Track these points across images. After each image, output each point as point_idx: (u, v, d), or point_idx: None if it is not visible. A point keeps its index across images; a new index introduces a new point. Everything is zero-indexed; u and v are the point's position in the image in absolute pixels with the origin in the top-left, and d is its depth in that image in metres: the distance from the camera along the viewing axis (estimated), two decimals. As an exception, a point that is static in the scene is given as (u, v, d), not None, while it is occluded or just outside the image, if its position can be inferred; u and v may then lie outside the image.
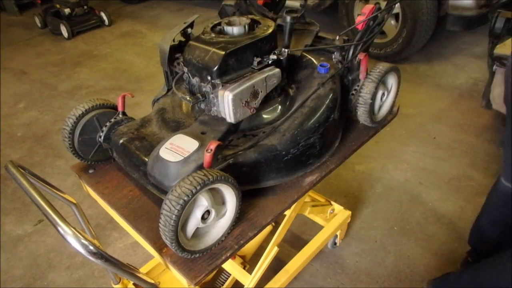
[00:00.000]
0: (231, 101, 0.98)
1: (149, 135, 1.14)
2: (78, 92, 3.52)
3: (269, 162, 1.07)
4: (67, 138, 1.14)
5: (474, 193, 2.15)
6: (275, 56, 1.09)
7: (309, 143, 1.11)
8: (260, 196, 1.10)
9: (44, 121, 3.13)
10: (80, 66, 3.97)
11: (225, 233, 0.99)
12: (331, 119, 1.15)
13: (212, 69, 1.00)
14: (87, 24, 4.73)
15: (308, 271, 1.84)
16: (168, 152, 0.97)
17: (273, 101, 1.15)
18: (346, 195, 2.23)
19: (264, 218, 1.05)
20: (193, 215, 0.92)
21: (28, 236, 2.14)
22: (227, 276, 1.64)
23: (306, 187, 1.12)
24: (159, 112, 1.22)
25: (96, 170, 1.24)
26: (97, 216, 2.19)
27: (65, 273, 1.93)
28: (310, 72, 1.21)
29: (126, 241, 2.05)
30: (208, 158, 0.93)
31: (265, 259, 1.41)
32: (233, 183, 0.93)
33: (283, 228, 1.34)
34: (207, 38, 1.06)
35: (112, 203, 1.12)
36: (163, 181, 0.97)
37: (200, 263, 0.95)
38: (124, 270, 0.93)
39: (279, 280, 1.57)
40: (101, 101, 1.18)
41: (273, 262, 1.45)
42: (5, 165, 1.00)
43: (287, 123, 1.11)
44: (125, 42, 4.45)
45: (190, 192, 0.83)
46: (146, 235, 1.02)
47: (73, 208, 1.12)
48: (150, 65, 3.87)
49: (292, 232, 2.03)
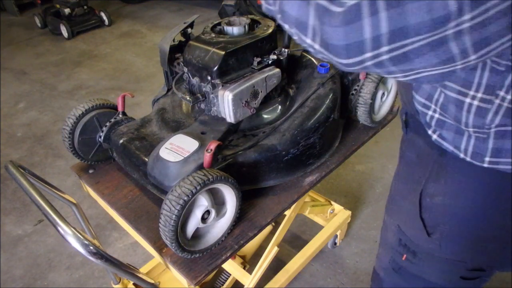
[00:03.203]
0: (231, 101, 0.98)
1: (149, 135, 1.14)
2: (78, 92, 3.52)
3: (269, 162, 1.07)
4: (67, 138, 1.14)
5: (474, 193, 2.15)
6: (275, 56, 1.09)
7: (309, 143, 1.11)
8: (260, 196, 1.10)
9: (44, 121, 3.13)
10: (80, 66, 3.97)
11: (225, 233, 0.99)
12: (331, 119, 1.15)
13: (212, 69, 1.00)
14: (87, 24, 4.73)
15: (308, 271, 1.84)
16: (168, 152, 0.97)
17: (273, 101, 1.15)
18: (346, 195, 2.23)
19: (264, 218, 1.05)
20: (193, 215, 0.92)
21: (28, 236, 2.14)
22: (227, 276, 1.64)
23: (306, 187, 1.12)
24: (159, 112, 1.22)
25: (96, 170, 1.24)
26: (97, 216, 2.19)
27: (65, 273, 1.93)
28: (310, 72, 1.21)
29: (126, 241, 2.05)
30: (208, 158, 0.93)
31: (265, 259, 1.41)
32: (233, 183, 0.93)
33: (283, 228, 1.34)
34: (207, 38, 1.06)
35: (112, 203, 1.12)
36: (163, 181, 0.97)
37: (200, 263, 0.95)
38: (124, 270, 0.93)
39: (279, 280, 1.57)
40: (101, 101, 1.18)
41: (273, 262, 1.45)
42: (5, 165, 1.00)
43: (287, 123, 1.11)
44: (125, 42, 4.45)
45: (190, 192, 0.84)
46: (146, 235, 1.02)
47: (73, 208, 1.12)
48: (150, 65, 3.87)
49: (292, 232, 2.03)
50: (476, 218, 0.77)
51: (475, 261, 0.82)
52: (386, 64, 0.50)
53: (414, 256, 0.87)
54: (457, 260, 0.82)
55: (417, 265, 0.88)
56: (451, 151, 0.73)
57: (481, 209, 0.75)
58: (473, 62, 0.50)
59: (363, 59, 0.50)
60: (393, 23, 0.46)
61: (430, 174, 0.79)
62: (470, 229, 0.78)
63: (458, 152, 0.72)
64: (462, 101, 0.63)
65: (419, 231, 0.83)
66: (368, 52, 0.49)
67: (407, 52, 0.48)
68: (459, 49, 0.48)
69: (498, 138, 0.64)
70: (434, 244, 0.82)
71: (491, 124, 0.63)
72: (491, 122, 0.62)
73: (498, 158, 0.66)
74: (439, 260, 0.83)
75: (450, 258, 0.82)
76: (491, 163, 0.67)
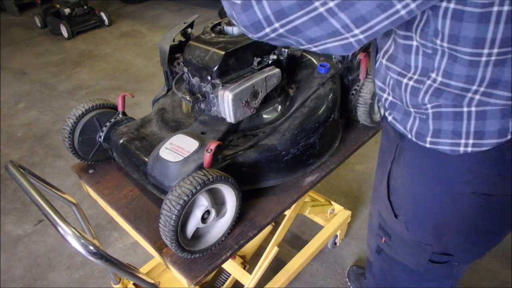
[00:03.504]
0: (231, 101, 0.98)
1: (149, 135, 1.14)
2: (78, 92, 3.52)
3: (269, 162, 1.07)
4: (67, 138, 1.14)
5: (474, 193, 2.15)
6: (275, 56, 1.09)
7: (309, 143, 1.11)
8: (260, 196, 1.10)
9: (44, 121, 3.13)
10: (80, 66, 3.97)
11: (225, 233, 0.99)
12: (331, 119, 1.15)
13: (212, 69, 1.00)
14: (87, 24, 4.73)
15: (308, 271, 1.84)
16: (168, 152, 0.97)
17: (273, 101, 1.15)
18: (346, 195, 2.23)
19: (264, 218, 1.05)
20: (193, 215, 0.92)
21: (28, 236, 2.14)
22: (227, 276, 1.64)
23: (306, 187, 1.12)
24: (159, 112, 1.22)
25: (96, 170, 1.24)
26: (97, 216, 2.19)
27: (65, 273, 1.93)
28: (310, 72, 1.21)
29: (126, 241, 2.05)
30: (208, 158, 0.93)
31: (265, 259, 1.41)
32: (233, 183, 0.93)
33: (283, 228, 1.34)
34: (207, 38, 1.06)
35: (112, 203, 1.12)
36: (163, 181, 0.97)
37: (200, 263, 0.95)
38: (124, 270, 0.93)
39: (279, 280, 1.57)
40: (101, 101, 1.18)
41: (273, 262, 1.45)
42: (5, 165, 1.00)
43: (287, 123, 1.11)
44: (125, 42, 4.45)
45: (190, 192, 0.84)
46: (146, 235, 1.02)
47: (73, 208, 1.12)
48: (150, 65, 3.87)
49: (292, 232, 2.03)
50: (430, 201, 0.79)
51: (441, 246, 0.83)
52: (285, 35, 0.62)
53: (390, 239, 0.90)
54: (424, 243, 0.83)
55: (392, 248, 0.90)
56: (402, 132, 0.78)
57: (433, 192, 0.77)
58: (362, 36, 0.58)
59: (266, 33, 0.62)
60: (273, 6, 0.58)
61: (394, 157, 0.83)
62: (427, 212, 0.80)
63: (406, 133, 0.76)
64: (401, 81, 0.70)
65: (389, 213, 0.87)
66: (267, 28, 0.61)
67: (297, 26, 0.59)
68: (340, 25, 0.57)
69: (436, 119, 0.68)
70: (401, 226, 0.85)
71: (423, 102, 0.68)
72: (422, 101, 0.68)
73: (437, 138, 0.70)
74: (408, 243, 0.85)
75: (418, 241, 0.84)
76: (432, 143, 0.71)
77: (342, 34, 0.58)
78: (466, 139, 0.67)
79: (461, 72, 0.59)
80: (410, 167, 0.79)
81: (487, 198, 0.73)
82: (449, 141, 0.69)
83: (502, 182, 0.71)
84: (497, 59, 0.56)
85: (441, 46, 0.59)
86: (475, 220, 0.77)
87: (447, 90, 0.63)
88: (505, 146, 0.66)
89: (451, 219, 0.79)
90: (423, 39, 0.61)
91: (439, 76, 0.63)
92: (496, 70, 0.58)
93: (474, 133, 0.66)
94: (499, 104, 0.62)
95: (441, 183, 0.76)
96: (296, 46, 0.65)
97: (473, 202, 0.74)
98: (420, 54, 0.64)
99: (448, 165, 0.72)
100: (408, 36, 0.64)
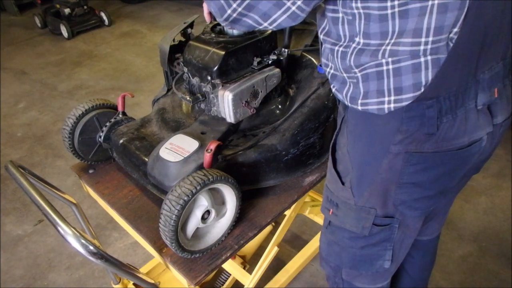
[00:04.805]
0: (231, 101, 0.98)
1: (149, 135, 1.14)
2: (78, 92, 3.52)
3: (269, 162, 1.07)
4: (67, 138, 1.14)
5: (474, 193, 2.15)
6: (275, 56, 1.09)
7: (309, 143, 1.11)
8: (260, 196, 1.10)
9: (44, 121, 3.13)
10: (80, 66, 3.97)
11: (225, 233, 0.99)
12: (331, 119, 1.15)
13: (212, 69, 1.00)
14: (87, 24, 4.72)
15: (308, 271, 1.83)
16: (168, 152, 0.97)
17: (273, 101, 1.15)
18: (346, 195, 2.23)
19: (264, 218, 1.05)
20: (193, 215, 0.92)
21: (28, 236, 2.14)
22: (227, 276, 1.64)
23: (306, 187, 1.12)
24: (159, 112, 1.22)
25: (96, 170, 1.24)
26: (97, 216, 2.19)
27: (65, 273, 1.93)
28: (310, 72, 1.21)
29: (126, 241, 2.05)
30: (208, 158, 0.93)
31: (265, 259, 1.41)
32: (233, 183, 0.93)
33: (283, 228, 1.34)
34: (207, 38, 1.06)
35: (112, 203, 1.12)
36: (163, 181, 0.97)
37: (200, 263, 0.95)
38: (124, 270, 0.93)
39: (279, 280, 1.57)
40: (101, 101, 1.18)
41: (273, 262, 1.45)
42: (5, 165, 1.00)
43: (287, 123, 1.11)
44: (125, 42, 4.45)
45: (190, 192, 0.84)
46: (146, 235, 1.02)
47: (73, 208, 1.12)
48: (150, 65, 3.87)
49: (292, 232, 2.03)
50: (370, 164, 0.84)
51: (384, 209, 0.89)
52: (244, 13, 0.71)
53: (337, 208, 0.95)
54: (368, 207, 0.89)
55: (339, 216, 0.95)
56: (342, 100, 0.85)
57: (371, 155, 0.83)
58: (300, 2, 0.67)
59: (229, 14, 0.72)
60: None
61: (339, 129, 0.91)
62: (369, 174, 0.85)
63: (343, 99, 0.83)
64: (333, 49, 0.79)
65: (336, 182, 0.92)
66: (228, 9, 0.71)
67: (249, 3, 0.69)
68: None
69: (364, 81, 0.75)
70: (348, 192, 0.90)
71: (350, 65, 0.75)
72: (349, 63, 0.75)
73: (366, 99, 0.77)
74: (355, 209, 0.91)
75: (363, 205, 0.89)
76: (362, 105, 0.78)
77: (284, 4, 0.68)
78: (389, 96, 0.74)
79: (376, 29, 0.68)
80: (352, 134, 0.87)
81: (419, 156, 0.79)
82: (375, 100, 0.76)
83: (432, 140, 0.76)
84: (400, 10, 0.64)
85: (357, 9, 0.68)
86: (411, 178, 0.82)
87: (367, 49, 0.72)
88: (426, 104, 0.73)
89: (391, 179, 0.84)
90: (345, 8, 0.70)
91: (361, 38, 0.71)
92: (401, 22, 0.66)
93: (394, 90, 0.73)
94: (407, 52, 0.69)
95: (376, 144, 0.82)
96: (257, 27, 0.74)
97: (407, 161, 0.79)
98: (346, 23, 0.73)
99: (380, 126, 0.79)
100: (335, 10, 0.74)
